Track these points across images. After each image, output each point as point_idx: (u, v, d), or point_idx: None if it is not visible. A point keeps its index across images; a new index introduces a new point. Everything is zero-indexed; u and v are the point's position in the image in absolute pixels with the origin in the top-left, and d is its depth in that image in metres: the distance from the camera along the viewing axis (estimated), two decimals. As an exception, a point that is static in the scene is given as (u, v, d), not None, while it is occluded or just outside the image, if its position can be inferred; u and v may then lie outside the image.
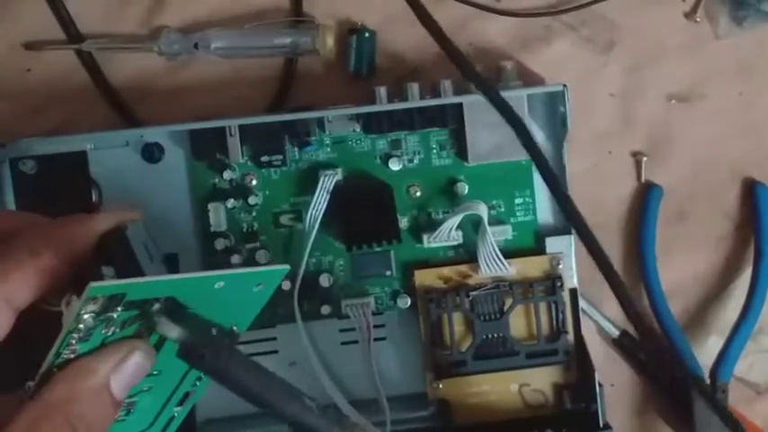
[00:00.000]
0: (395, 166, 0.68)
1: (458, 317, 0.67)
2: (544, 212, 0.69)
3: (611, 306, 0.71)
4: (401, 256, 0.68)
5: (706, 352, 0.71)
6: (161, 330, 0.48)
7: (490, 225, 0.66)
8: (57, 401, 0.45)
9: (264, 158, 0.67)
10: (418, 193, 0.68)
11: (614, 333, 0.71)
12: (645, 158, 0.71)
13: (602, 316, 0.71)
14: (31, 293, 0.47)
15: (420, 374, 0.68)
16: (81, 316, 0.45)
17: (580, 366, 0.68)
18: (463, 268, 0.67)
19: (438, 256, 0.68)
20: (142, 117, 0.70)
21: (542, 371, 0.68)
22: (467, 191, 0.68)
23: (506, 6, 0.70)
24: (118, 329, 0.47)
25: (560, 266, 0.67)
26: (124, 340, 0.47)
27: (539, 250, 0.68)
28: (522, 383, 0.68)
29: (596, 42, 0.71)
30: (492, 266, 0.66)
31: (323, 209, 0.66)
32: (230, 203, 0.67)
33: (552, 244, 0.68)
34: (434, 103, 0.66)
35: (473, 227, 0.67)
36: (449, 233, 0.67)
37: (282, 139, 0.67)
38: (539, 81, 0.70)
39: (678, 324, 0.71)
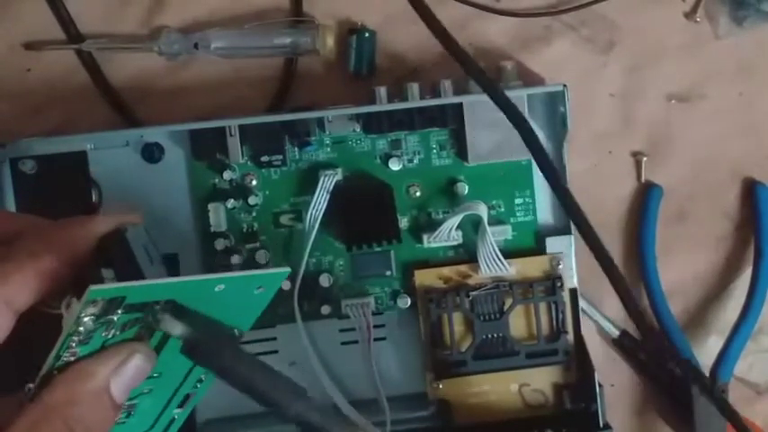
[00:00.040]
0: (395, 166, 0.68)
1: (458, 317, 0.67)
2: (544, 212, 0.69)
3: (611, 306, 0.71)
4: (401, 256, 0.68)
5: (706, 352, 0.71)
6: (165, 327, 0.48)
7: (490, 225, 0.66)
8: (56, 404, 0.45)
9: (264, 158, 0.67)
10: (418, 193, 0.68)
11: (614, 333, 0.71)
12: (645, 158, 0.71)
13: (602, 316, 0.71)
14: (31, 296, 0.47)
15: (420, 374, 0.68)
16: (81, 319, 0.45)
17: (580, 366, 0.68)
18: (463, 268, 0.67)
19: (438, 256, 0.68)
20: (142, 117, 0.70)
21: (542, 371, 0.68)
22: (467, 191, 0.68)
23: (506, 6, 0.70)
24: (118, 332, 0.47)
25: (560, 266, 0.67)
26: (124, 343, 0.47)
27: (539, 250, 0.68)
28: (522, 383, 0.68)
29: (596, 42, 0.71)
30: (492, 266, 0.66)
31: (323, 209, 0.66)
32: (230, 203, 0.67)
33: (552, 244, 0.68)
34: (434, 103, 0.66)
35: (473, 227, 0.67)
36: (449, 233, 0.67)
37: (282, 139, 0.67)
38: (539, 81, 0.70)
39: (678, 324, 0.71)
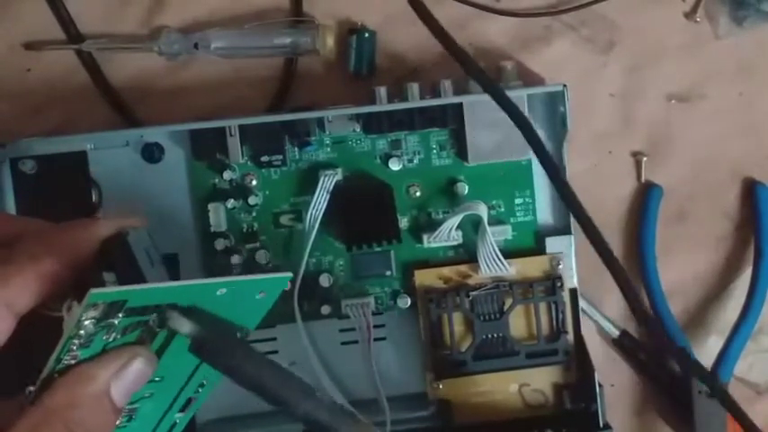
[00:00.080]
0: (395, 166, 0.68)
1: (458, 317, 0.67)
2: (544, 212, 0.69)
3: (611, 306, 0.71)
4: (401, 256, 0.68)
5: (706, 352, 0.71)
6: (173, 325, 0.48)
7: (490, 225, 0.66)
8: (57, 407, 0.45)
9: (264, 158, 0.67)
10: (418, 193, 0.68)
11: (614, 333, 0.71)
12: (645, 158, 0.71)
13: (603, 316, 0.71)
14: (32, 299, 0.47)
15: (420, 374, 0.68)
16: (82, 322, 0.45)
17: (580, 366, 0.68)
18: (463, 268, 0.67)
19: (438, 256, 0.68)
20: (142, 117, 0.70)
21: (542, 371, 0.68)
22: (467, 191, 0.68)
23: (506, 6, 0.70)
24: (119, 335, 0.47)
25: (560, 266, 0.67)
26: (125, 346, 0.47)
27: (539, 250, 0.68)
28: (522, 383, 0.68)
29: (596, 42, 0.71)
30: (492, 266, 0.66)
31: (323, 209, 0.66)
32: (230, 203, 0.67)
33: (552, 244, 0.68)
34: (434, 103, 0.66)
35: (473, 227, 0.67)
36: (449, 233, 0.67)
37: (282, 139, 0.67)
38: (539, 81, 0.70)
39: (678, 324, 0.71)
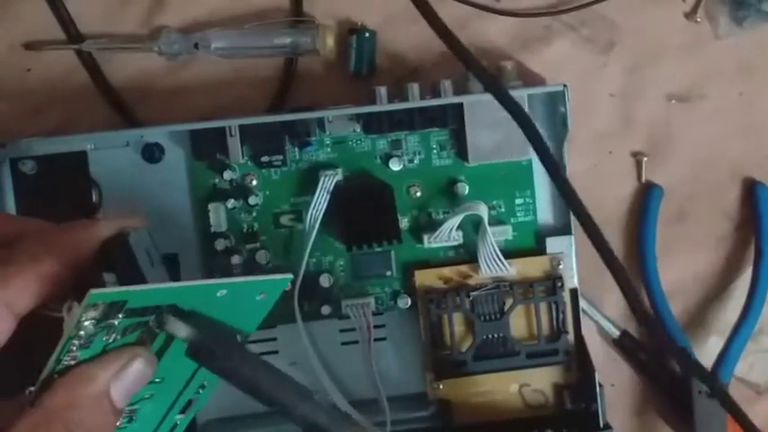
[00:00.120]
0: (395, 166, 0.68)
1: (458, 317, 0.67)
2: (544, 213, 0.69)
3: (611, 306, 0.71)
4: (401, 256, 0.68)
5: (706, 352, 0.71)
6: (170, 329, 0.48)
7: (490, 225, 0.66)
8: (57, 408, 0.45)
9: (264, 158, 0.67)
10: (418, 194, 0.68)
11: (614, 333, 0.71)
12: (645, 158, 0.71)
13: (603, 316, 0.71)
14: (32, 299, 0.47)
15: (420, 374, 0.68)
16: (82, 322, 0.45)
17: (580, 366, 0.68)
18: (463, 268, 0.67)
19: (438, 256, 0.68)
20: (142, 117, 0.70)
21: (542, 371, 0.68)
22: (467, 191, 0.68)
23: (506, 6, 0.70)
24: (119, 336, 0.47)
25: (560, 266, 0.67)
26: (125, 347, 0.47)
27: (539, 250, 0.68)
28: (523, 383, 0.68)
29: (596, 42, 0.71)
30: (492, 266, 0.66)
31: (323, 209, 0.66)
32: (230, 203, 0.67)
33: (552, 244, 0.68)
34: (434, 103, 0.66)
35: (473, 227, 0.67)
36: (449, 233, 0.67)
37: (282, 139, 0.67)
38: (539, 81, 0.70)
39: (678, 324, 0.71)
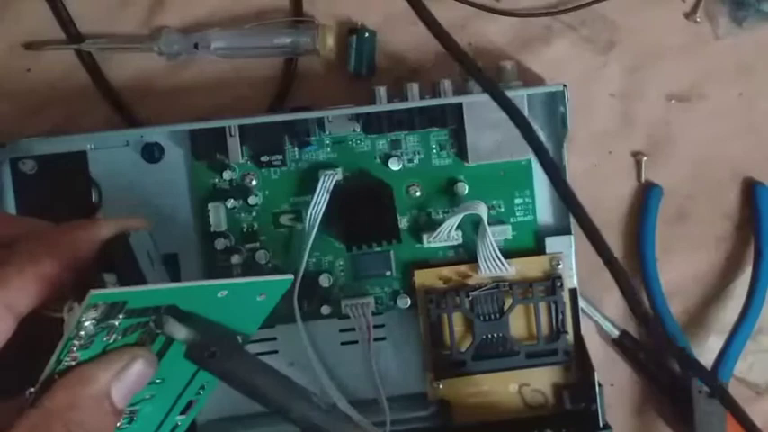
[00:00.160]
0: (395, 166, 0.68)
1: (458, 317, 0.67)
2: (544, 212, 0.69)
3: (610, 306, 0.71)
4: (401, 256, 0.68)
5: (705, 352, 0.71)
6: (168, 331, 0.48)
7: (490, 225, 0.66)
8: (57, 408, 0.45)
9: (264, 158, 0.67)
10: (418, 193, 0.68)
11: (614, 333, 0.71)
12: (645, 158, 0.71)
13: (602, 316, 0.71)
14: (33, 300, 0.47)
15: (420, 374, 0.68)
16: (82, 322, 0.45)
17: (580, 366, 0.68)
18: (463, 268, 0.67)
19: (438, 256, 0.68)
20: (142, 117, 0.70)
21: (542, 371, 0.68)
22: (467, 191, 0.68)
23: (506, 6, 0.70)
24: (120, 337, 0.47)
25: (560, 266, 0.67)
26: (126, 348, 0.47)
27: (538, 250, 0.68)
28: (522, 383, 0.68)
29: (596, 42, 0.71)
30: (492, 266, 0.66)
31: (323, 209, 0.66)
32: (230, 203, 0.67)
33: (552, 244, 0.68)
34: (434, 103, 0.66)
35: (473, 227, 0.67)
36: (449, 233, 0.67)
37: (282, 139, 0.67)
38: (539, 81, 0.70)
39: (678, 324, 0.71)
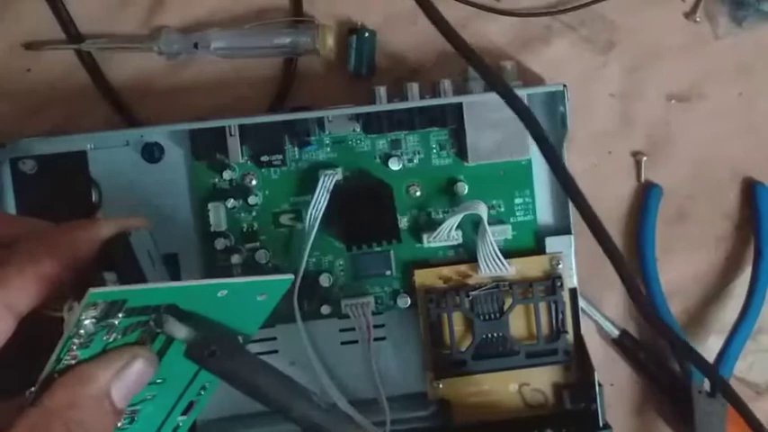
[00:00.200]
0: (395, 165, 0.68)
1: (458, 316, 0.67)
2: (544, 212, 0.69)
3: (610, 306, 0.71)
4: (401, 255, 0.68)
5: (706, 352, 0.70)
6: (168, 330, 0.48)
7: (490, 225, 0.66)
8: (57, 408, 0.45)
9: (264, 158, 0.67)
10: (418, 193, 0.68)
11: (614, 333, 0.71)
12: (645, 158, 0.71)
13: (602, 316, 0.71)
14: (33, 300, 0.47)
15: (420, 374, 0.68)
16: (81, 321, 0.45)
17: (580, 366, 0.68)
18: (463, 268, 0.67)
19: (438, 255, 0.68)
20: (142, 117, 0.70)
21: (542, 371, 0.68)
22: (466, 191, 0.68)
23: (506, 6, 0.70)
24: (120, 336, 0.47)
25: (560, 266, 0.67)
26: (126, 347, 0.47)
27: (538, 250, 0.68)
28: (522, 383, 0.68)
29: (596, 42, 0.71)
30: (492, 266, 0.66)
31: (323, 209, 0.66)
32: (230, 203, 0.67)
33: (552, 244, 0.68)
34: (434, 103, 0.66)
35: (473, 227, 0.67)
36: (449, 233, 0.67)
37: (282, 138, 0.67)
38: (539, 81, 0.70)
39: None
